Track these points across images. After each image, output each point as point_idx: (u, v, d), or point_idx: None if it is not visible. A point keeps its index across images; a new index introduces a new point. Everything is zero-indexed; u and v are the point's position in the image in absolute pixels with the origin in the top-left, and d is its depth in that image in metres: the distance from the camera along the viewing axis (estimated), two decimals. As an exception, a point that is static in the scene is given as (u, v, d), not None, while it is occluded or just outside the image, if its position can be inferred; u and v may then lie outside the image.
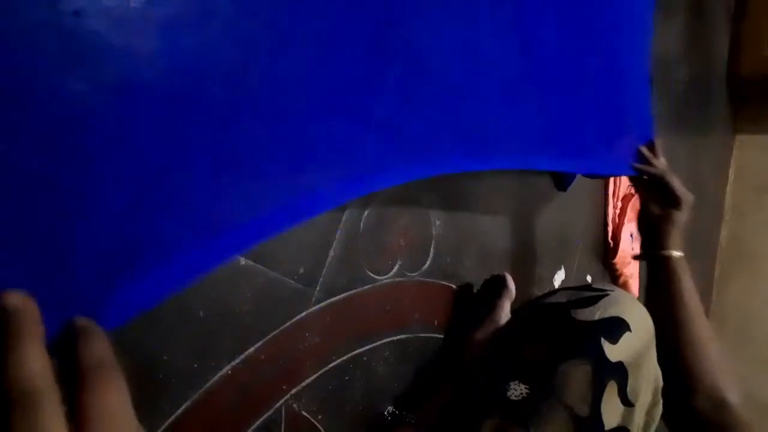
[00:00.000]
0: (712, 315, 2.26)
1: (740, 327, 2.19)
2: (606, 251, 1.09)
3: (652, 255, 0.68)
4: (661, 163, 0.73)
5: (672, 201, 0.68)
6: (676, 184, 0.69)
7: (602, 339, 0.48)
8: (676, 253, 0.66)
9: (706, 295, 2.19)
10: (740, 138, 2.18)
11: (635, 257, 0.77)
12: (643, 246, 0.71)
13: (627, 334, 0.49)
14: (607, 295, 0.53)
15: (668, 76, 1.31)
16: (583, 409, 0.45)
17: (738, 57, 1.89)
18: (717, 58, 1.79)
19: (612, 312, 0.50)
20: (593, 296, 0.53)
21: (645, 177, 0.72)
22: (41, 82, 0.23)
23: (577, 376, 0.46)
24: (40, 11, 0.24)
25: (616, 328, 0.49)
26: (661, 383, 0.53)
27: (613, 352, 0.48)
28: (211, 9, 0.29)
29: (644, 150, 0.73)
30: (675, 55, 1.35)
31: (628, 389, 0.48)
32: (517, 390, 0.48)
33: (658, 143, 0.75)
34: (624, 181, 1.06)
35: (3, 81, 0.23)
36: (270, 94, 0.33)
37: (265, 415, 0.44)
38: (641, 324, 0.51)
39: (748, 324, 2.17)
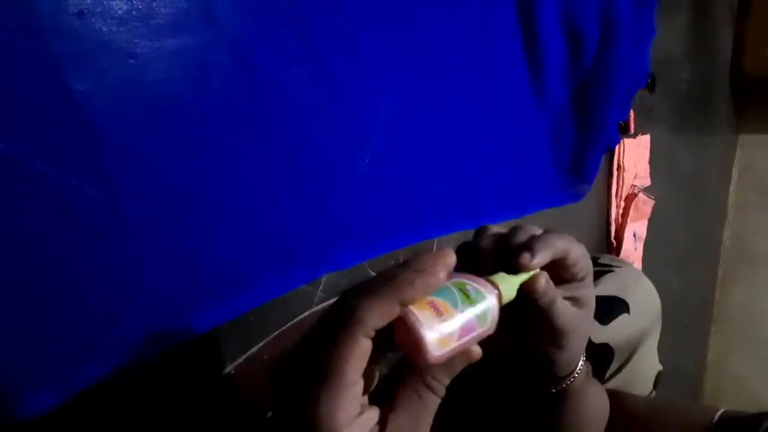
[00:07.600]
0: (716, 316, 2.25)
1: (744, 327, 2.18)
2: (609, 250, 1.09)
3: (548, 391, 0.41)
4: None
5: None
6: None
7: None
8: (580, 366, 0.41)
9: (708, 296, 2.18)
10: (744, 138, 2.17)
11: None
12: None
13: (623, 317, 0.44)
14: (611, 271, 0.48)
15: (671, 76, 1.30)
16: None
17: (742, 57, 1.88)
18: (720, 58, 1.78)
19: (612, 290, 0.46)
20: (595, 272, 0.47)
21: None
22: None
23: None
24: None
25: (612, 308, 0.44)
26: (660, 368, 0.50)
27: (599, 333, 0.43)
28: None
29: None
30: (678, 55, 1.34)
31: (608, 373, 0.44)
32: None
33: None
34: (627, 181, 1.06)
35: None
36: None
37: (268, 415, 0.44)
38: (644, 306, 0.46)
39: (752, 324, 2.16)
